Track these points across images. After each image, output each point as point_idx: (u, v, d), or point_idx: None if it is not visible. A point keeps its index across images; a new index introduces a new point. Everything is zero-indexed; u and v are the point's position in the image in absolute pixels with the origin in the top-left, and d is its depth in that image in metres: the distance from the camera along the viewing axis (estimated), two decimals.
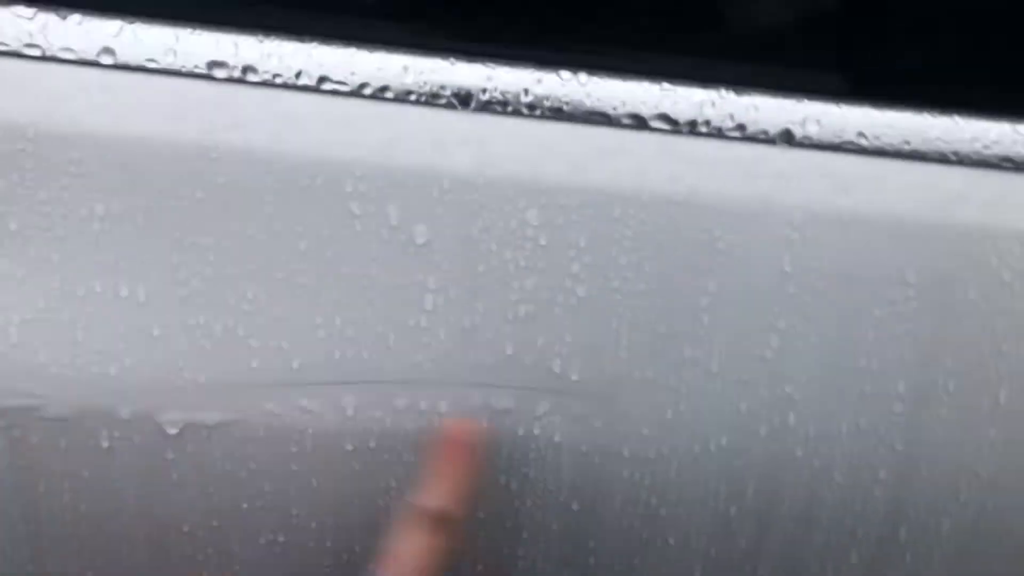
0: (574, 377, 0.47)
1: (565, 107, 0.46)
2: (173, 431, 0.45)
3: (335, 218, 0.44)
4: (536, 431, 0.47)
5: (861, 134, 0.47)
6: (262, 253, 0.44)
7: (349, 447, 0.46)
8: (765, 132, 0.47)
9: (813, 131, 0.47)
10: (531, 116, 0.45)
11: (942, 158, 0.48)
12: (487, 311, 0.46)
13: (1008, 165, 0.48)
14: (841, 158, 0.47)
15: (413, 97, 0.45)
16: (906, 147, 0.48)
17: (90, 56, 0.42)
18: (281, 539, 0.49)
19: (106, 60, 0.43)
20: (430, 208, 0.45)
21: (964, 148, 0.47)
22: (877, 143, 0.48)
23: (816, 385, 0.49)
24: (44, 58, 0.42)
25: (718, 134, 0.47)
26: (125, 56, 0.43)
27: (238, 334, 0.45)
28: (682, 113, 0.46)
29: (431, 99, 0.45)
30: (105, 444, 0.45)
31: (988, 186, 0.48)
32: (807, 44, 0.48)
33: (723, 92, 0.47)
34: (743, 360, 0.48)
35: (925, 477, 0.50)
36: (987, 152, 0.48)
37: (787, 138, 0.47)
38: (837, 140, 0.47)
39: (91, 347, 0.44)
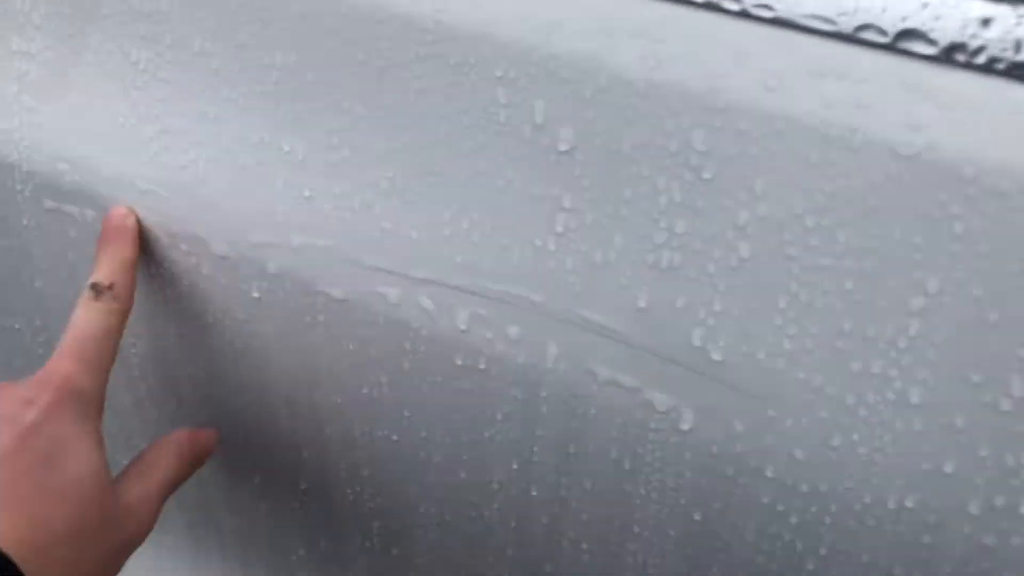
0: (716, 357, 0.37)
1: (777, 6, 0.34)
2: (306, 300, 0.44)
3: (479, 105, 0.39)
4: (660, 409, 0.38)
5: None
6: (407, 132, 0.41)
7: (459, 362, 0.42)
8: None
9: None
10: (720, 12, 0.35)
11: None
12: (624, 249, 0.38)
13: None
14: None
15: None
16: None
17: None
18: (395, 437, 0.46)
19: None
20: (580, 109, 0.37)
21: None
22: None
23: None
24: None
25: (992, 69, 0.32)
26: None
27: (374, 212, 0.42)
28: (944, 32, 0.32)
29: None
30: (255, 295, 0.46)
31: None
32: None
33: (1015, 8, 0.31)
34: (962, 399, 0.33)
35: None
36: None
37: None
38: None
39: (251, 195, 0.45)
